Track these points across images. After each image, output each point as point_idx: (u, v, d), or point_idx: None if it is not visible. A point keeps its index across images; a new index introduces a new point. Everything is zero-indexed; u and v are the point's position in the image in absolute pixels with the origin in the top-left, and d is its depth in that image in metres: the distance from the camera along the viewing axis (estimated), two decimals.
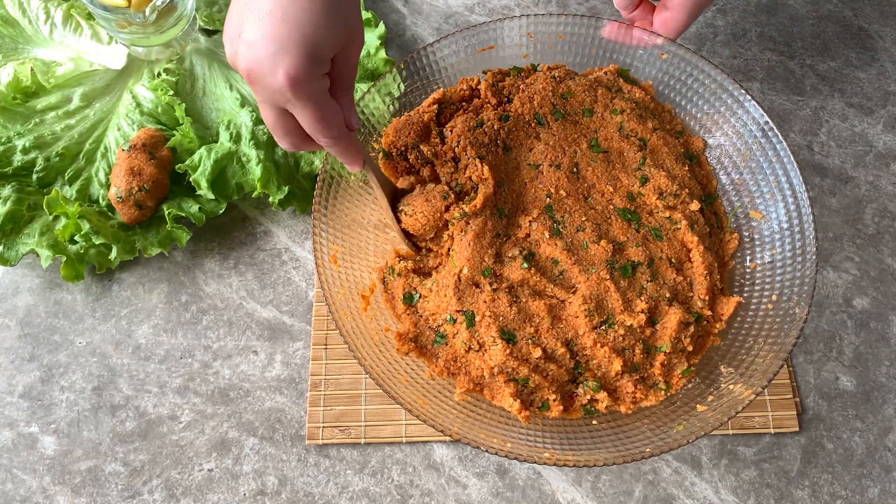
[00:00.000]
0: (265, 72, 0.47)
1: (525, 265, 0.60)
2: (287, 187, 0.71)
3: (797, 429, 0.65)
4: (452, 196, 0.62)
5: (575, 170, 0.65)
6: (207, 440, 0.66)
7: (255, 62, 0.47)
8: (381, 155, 0.69)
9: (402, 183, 0.68)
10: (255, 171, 0.71)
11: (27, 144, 0.73)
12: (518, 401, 0.58)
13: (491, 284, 0.59)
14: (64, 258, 0.69)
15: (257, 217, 0.76)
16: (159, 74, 0.77)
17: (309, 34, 0.47)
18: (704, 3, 0.66)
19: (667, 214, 0.64)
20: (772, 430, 0.65)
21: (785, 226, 0.63)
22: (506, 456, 0.55)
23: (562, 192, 0.63)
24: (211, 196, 0.71)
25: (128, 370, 0.69)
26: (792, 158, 0.63)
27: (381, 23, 0.81)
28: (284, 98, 0.48)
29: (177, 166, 0.72)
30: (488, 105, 0.68)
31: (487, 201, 0.61)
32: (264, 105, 0.50)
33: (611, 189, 0.64)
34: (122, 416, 0.67)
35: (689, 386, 0.60)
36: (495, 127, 0.66)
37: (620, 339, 0.58)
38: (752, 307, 0.62)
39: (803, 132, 0.79)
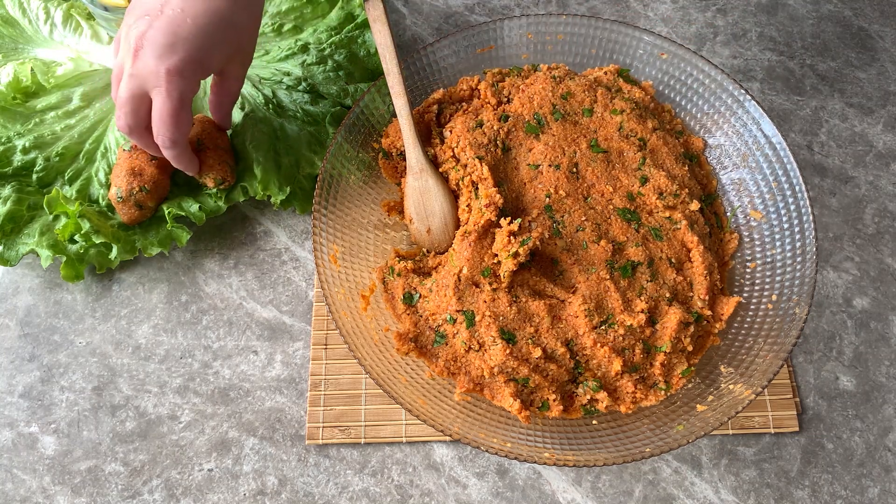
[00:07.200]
0: (156, 54, 0.53)
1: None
2: (289, 188, 0.71)
3: (797, 429, 0.65)
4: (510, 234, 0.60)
5: (575, 170, 0.65)
6: (207, 440, 0.66)
7: (151, 42, 0.53)
8: (381, 155, 0.69)
9: (403, 185, 0.68)
10: (256, 173, 0.71)
11: (27, 144, 0.73)
12: (518, 401, 0.58)
13: (491, 284, 0.59)
14: (64, 258, 0.69)
15: (257, 217, 0.76)
16: None
17: (206, 41, 0.54)
18: None
19: (667, 214, 0.64)
20: (772, 430, 0.65)
21: (785, 226, 0.63)
22: (506, 456, 0.55)
23: (561, 192, 0.63)
24: (220, 194, 0.71)
25: (128, 370, 0.69)
26: (792, 158, 0.63)
27: None
28: (156, 81, 0.53)
29: None
30: (488, 105, 0.68)
31: (544, 247, 0.61)
32: (132, 79, 0.54)
33: (611, 189, 0.64)
34: (122, 416, 0.67)
35: (689, 386, 0.60)
36: (495, 127, 0.66)
37: (620, 339, 0.58)
38: (752, 307, 0.62)
39: (803, 132, 0.79)
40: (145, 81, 0.54)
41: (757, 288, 0.63)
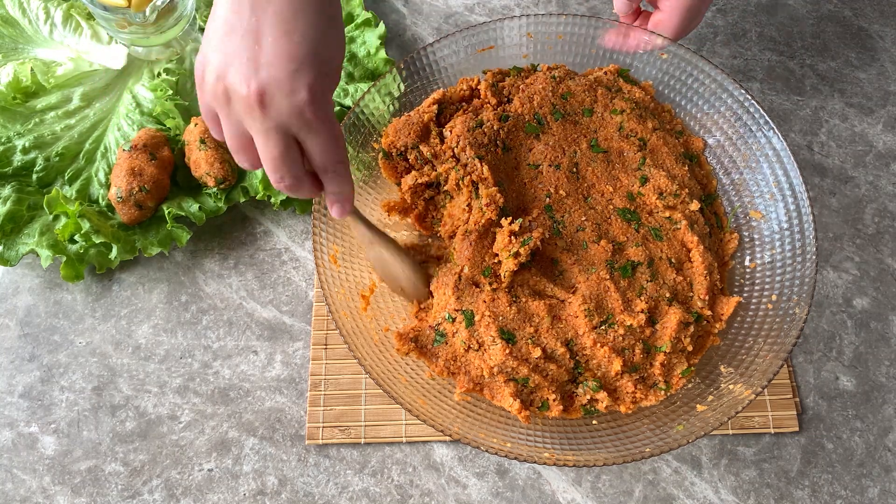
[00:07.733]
0: (285, 91, 0.44)
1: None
2: None
3: (797, 429, 0.65)
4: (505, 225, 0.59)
5: (575, 170, 0.65)
6: (207, 440, 0.66)
7: (274, 82, 0.44)
8: (381, 155, 0.69)
9: (403, 185, 0.68)
10: (256, 172, 0.71)
11: (27, 144, 0.73)
12: (518, 401, 0.58)
13: (491, 284, 0.59)
14: (64, 258, 0.69)
15: (257, 217, 0.76)
16: (159, 74, 0.77)
17: (321, 50, 0.46)
18: (697, 7, 0.65)
19: (667, 214, 0.64)
20: (772, 430, 0.65)
21: (785, 226, 0.63)
22: (506, 456, 0.55)
23: (561, 192, 0.63)
24: (220, 194, 0.71)
25: (128, 370, 0.69)
26: (792, 158, 0.63)
27: (381, 23, 0.81)
28: (302, 120, 0.46)
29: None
30: (488, 105, 0.68)
31: (545, 248, 0.60)
32: (272, 133, 0.46)
33: (611, 189, 0.64)
34: (122, 416, 0.67)
35: (689, 386, 0.60)
36: (495, 127, 0.66)
37: (620, 339, 0.58)
38: (752, 307, 0.62)
39: (803, 132, 0.79)
40: (288, 127, 0.46)
41: (757, 288, 0.63)
